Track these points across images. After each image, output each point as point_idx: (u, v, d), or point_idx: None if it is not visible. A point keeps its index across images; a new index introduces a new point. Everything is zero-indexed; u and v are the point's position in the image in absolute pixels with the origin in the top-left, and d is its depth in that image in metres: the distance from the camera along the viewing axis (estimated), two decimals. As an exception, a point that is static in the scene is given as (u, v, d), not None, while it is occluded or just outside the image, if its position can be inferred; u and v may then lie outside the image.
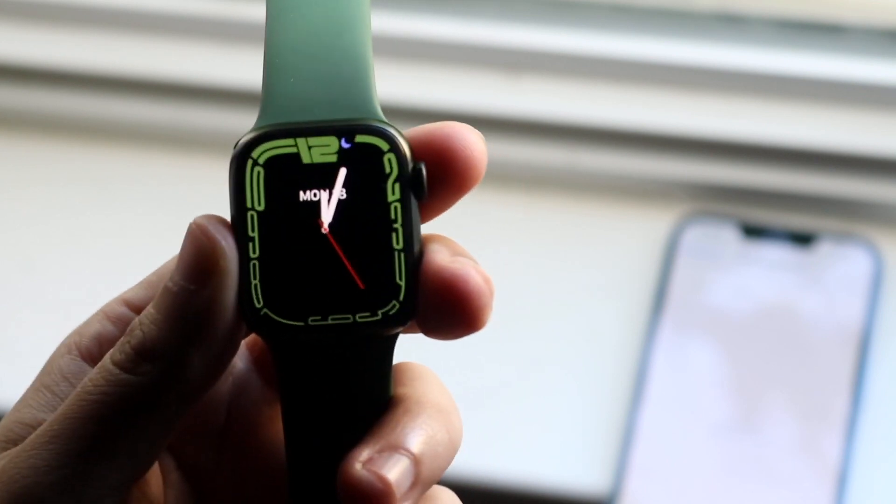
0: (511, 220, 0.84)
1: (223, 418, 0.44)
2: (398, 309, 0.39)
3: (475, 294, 0.39)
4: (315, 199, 0.39)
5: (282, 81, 0.40)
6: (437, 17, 0.87)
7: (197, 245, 0.39)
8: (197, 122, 0.88)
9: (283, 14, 0.41)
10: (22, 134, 0.89)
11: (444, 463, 0.41)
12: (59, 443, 0.39)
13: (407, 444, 0.39)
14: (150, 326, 0.39)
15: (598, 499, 0.75)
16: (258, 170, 0.39)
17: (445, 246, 0.40)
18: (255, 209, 0.39)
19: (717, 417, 0.76)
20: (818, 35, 0.85)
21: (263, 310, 0.39)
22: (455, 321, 0.39)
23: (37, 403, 0.42)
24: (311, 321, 0.39)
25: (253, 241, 0.39)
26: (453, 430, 0.41)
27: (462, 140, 0.40)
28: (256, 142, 0.39)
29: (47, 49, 0.89)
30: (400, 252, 0.39)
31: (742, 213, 0.83)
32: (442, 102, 0.85)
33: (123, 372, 0.39)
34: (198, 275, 0.39)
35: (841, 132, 0.83)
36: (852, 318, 0.79)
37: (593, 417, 0.77)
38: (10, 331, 0.82)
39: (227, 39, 0.87)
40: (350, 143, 0.39)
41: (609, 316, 0.80)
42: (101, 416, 0.39)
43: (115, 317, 0.43)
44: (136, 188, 0.86)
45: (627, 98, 0.85)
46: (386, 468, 0.39)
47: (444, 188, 0.40)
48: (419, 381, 0.41)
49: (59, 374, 0.42)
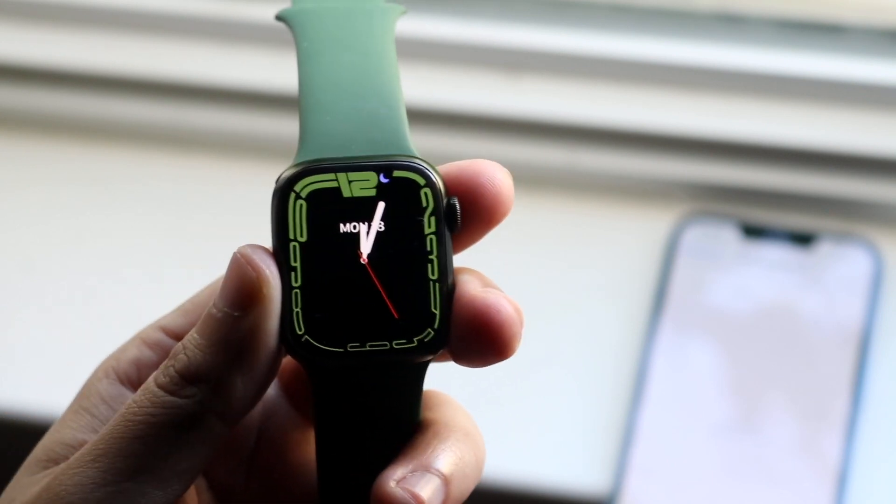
0: (511, 220, 0.84)
1: (253, 441, 0.46)
2: (433, 337, 0.41)
3: (507, 323, 0.41)
4: (355, 231, 0.41)
5: (319, 119, 0.42)
6: (437, 17, 0.87)
7: (241, 273, 0.40)
8: (197, 122, 0.88)
9: (316, 57, 0.43)
10: (22, 134, 0.89)
11: (472, 484, 0.43)
12: (105, 461, 0.40)
13: (438, 465, 0.41)
14: (195, 351, 0.40)
15: (598, 499, 0.75)
16: (301, 203, 0.41)
17: (476, 277, 0.42)
18: (297, 240, 0.41)
19: (717, 417, 0.76)
20: (818, 35, 0.85)
21: (304, 336, 0.40)
22: (486, 349, 0.41)
23: (77, 425, 0.43)
24: (350, 347, 0.41)
25: (295, 270, 0.40)
26: (479, 453, 0.43)
27: (491, 177, 0.42)
28: (299, 176, 0.41)
29: (47, 49, 0.89)
30: (435, 282, 0.41)
31: (742, 213, 0.83)
32: (442, 102, 0.85)
33: (168, 394, 0.40)
34: (242, 302, 0.40)
35: (841, 132, 0.83)
36: (852, 318, 0.79)
37: (593, 417, 0.77)
38: (10, 331, 0.82)
39: (227, 39, 0.87)
40: (388, 178, 0.41)
41: (609, 316, 0.80)
42: (145, 436, 0.40)
43: (152, 342, 0.45)
44: (136, 188, 0.86)
45: (627, 98, 0.85)
46: (419, 487, 0.41)
47: (472, 223, 0.42)
48: (446, 406, 0.43)
49: (97, 397, 0.44)
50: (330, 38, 0.44)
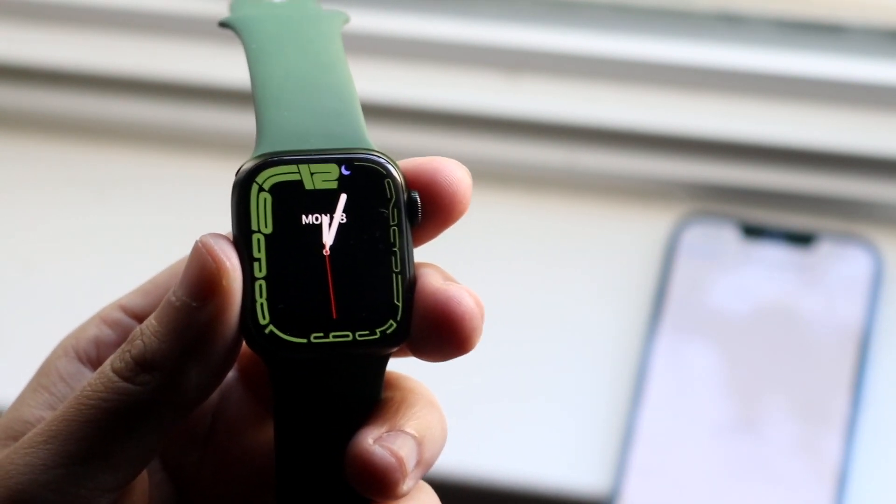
0: (511, 220, 0.84)
1: (208, 423, 0.46)
2: (395, 329, 0.41)
3: (468, 315, 0.41)
4: (317, 222, 0.41)
5: (276, 113, 0.42)
6: (437, 17, 0.87)
7: (201, 263, 0.40)
8: (197, 122, 0.88)
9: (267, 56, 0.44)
10: (22, 134, 0.89)
11: (439, 450, 0.43)
12: (56, 443, 0.40)
13: (409, 427, 0.41)
14: (151, 338, 0.40)
15: (598, 499, 0.75)
16: (265, 195, 0.40)
17: (437, 271, 0.42)
18: (261, 231, 0.40)
19: (717, 418, 0.76)
20: (818, 35, 0.85)
21: (269, 327, 0.40)
22: (446, 342, 0.41)
23: (35, 403, 0.43)
24: (313, 338, 0.40)
25: (259, 261, 0.40)
26: (443, 422, 0.43)
27: (448, 176, 0.42)
28: (261, 168, 0.41)
29: (47, 49, 0.89)
30: (398, 274, 0.41)
31: (742, 213, 0.83)
32: (442, 102, 0.85)
33: (122, 380, 0.40)
34: (201, 292, 0.40)
35: (841, 132, 0.83)
36: (852, 318, 0.79)
37: (593, 417, 0.77)
38: (10, 331, 0.82)
39: (227, 39, 0.87)
40: (350, 170, 0.41)
41: (609, 316, 0.80)
42: (97, 421, 0.40)
43: (112, 321, 0.45)
44: (136, 188, 0.86)
45: (627, 98, 0.85)
46: (396, 445, 0.41)
47: (430, 219, 0.42)
48: (406, 380, 0.43)
49: (56, 374, 0.44)
50: (279, 40, 0.44)
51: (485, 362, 0.79)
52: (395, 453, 0.40)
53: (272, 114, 0.42)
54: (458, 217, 0.42)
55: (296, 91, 0.43)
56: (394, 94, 0.85)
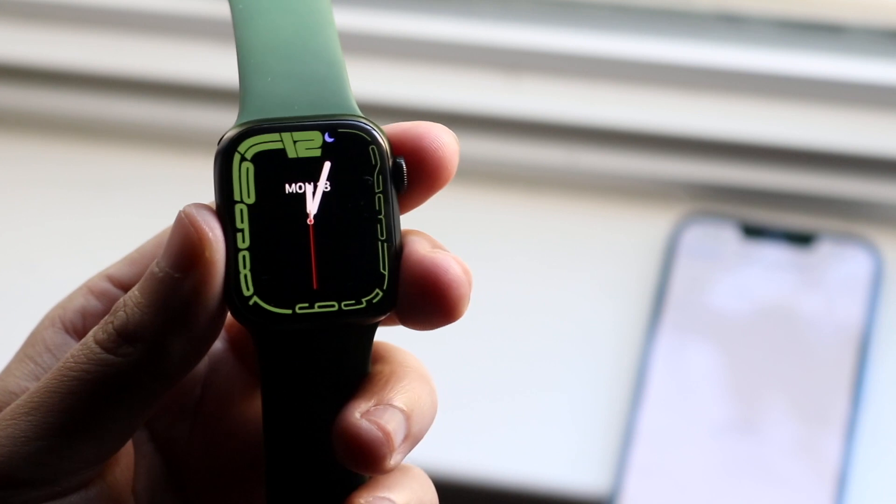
0: (511, 220, 0.84)
1: (198, 394, 0.45)
2: (381, 297, 0.40)
3: (455, 283, 0.40)
4: (301, 191, 0.40)
5: (260, 81, 0.42)
6: (437, 17, 0.87)
7: (184, 234, 0.40)
8: (197, 122, 0.88)
9: (253, 19, 0.43)
10: (22, 134, 0.89)
11: (428, 423, 0.42)
12: (38, 415, 0.40)
13: (397, 401, 0.41)
14: (134, 309, 0.40)
15: (598, 499, 0.75)
16: (247, 165, 0.40)
17: (425, 239, 0.41)
18: (244, 202, 0.40)
19: (717, 418, 0.76)
20: (818, 35, 0.85)
21: (253, 298, 0.40)
22: (434, 310, 0.41)
23: (20, 373, 0.43)
24: (298, 309, 0.40)
25: (242, 232, 0.40)
26: (433, 395, 0.42)
27: (434, 140, 0.41)
28: (242, 137, 0.40)
29: (47, 49, 0.89)
30: (383, 242, 0.40)
31: (742, 213, 0.83)
32: (442, 102, 0.85)
33: (105, 352, 0.40)
34: (183, 263, 0.39)
35: (841, 132, 0.83)
36: (852, 318, 0.79)
37: (593, 417, 0.77)
38: (10, 331, 0.82)
39: (227, 39, 0.87)
40: (333, 137, 0.40)
41: (609, 316, 0.80)
42: (80, 393, 0.40)
43: (98, 292, 0.44)
44: (136, 188, 0.86)
45: (627, 98, 0.85)
46: (384, 419, 0.40)
47: (416, 185, 0.41)
48: (396, 352, 0.43)
49: (42, 345, 0.44)
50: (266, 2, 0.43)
51: (485, 362, 0.79)
52: (383, 427, 0.40)
53: (255, 80, 0.42)
54: (445, 182, 0.41)
55: (280, 56, 0.42)
56: (394, 94, 0.85)
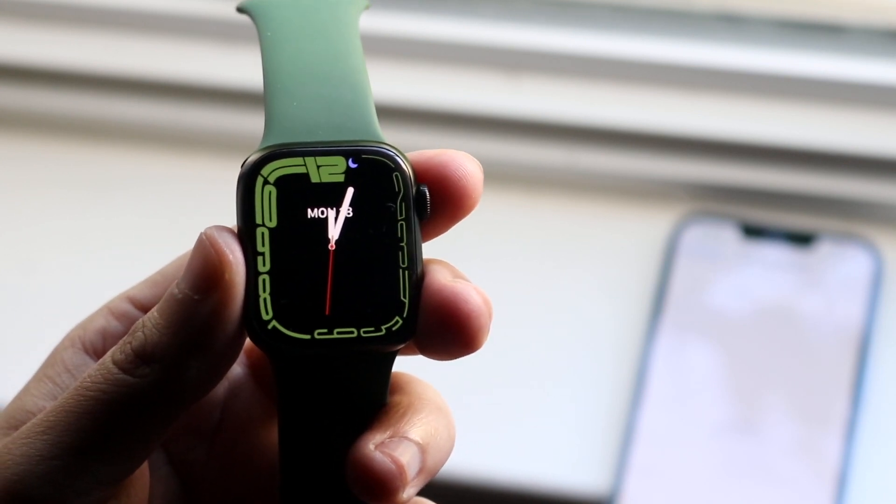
0: (511, 220, 0.84)
1: (217, 418, 0.45)
2: (401, 325, 0.40)
3: (475, 314, 0.40)
4: (323, 216, 0.40)
5: (285, 105, 0.41)
6: (437, 17, 0.87)
7: (205, 256, 0.39)
8: (197, 122, 0.88)
9: (281, 45, 0.43)
10: (22, 134, 0.89)
11: (444, 457, 0.42)
12: (54, 434, 0.40)
13: (413, 434, 0.41)
14: (153, 330, 0.40)
15: (598, 499, 0.75)
16: (269, 188, 0.40)
17: (446, 268, 0.41)
18: (265, 225, 0.40)
19: (717, 418, 0.76)
20: (818, 35, 0.85)
21: (272, 322, 0.40)
22: (453, 340, 0.40)
23: (39, 393, 0.43)
24: (317, 334, 0.40)
25: (263, 255, 0.40)
26: (451, 429, 0.42)
27: (459, 169, 0.41)
28: (266, 160, 0.40)
29: (47, 49, 0.89)
30: (404, 270, 0.40)
31: (742, 213, 0.83)
32: (442, 102, 0.85)
33: (122, 372, 0.40)
34: (203, 285, 0.39)
35: (841, 132, 0.83)
36: (852, 318, 0.79)
37: (593, 417, 0.77)
38: (11, 331, 0.82)
39: (227, 39, 0.87)
40: (357, 163, 0.40)
41: (609, 316, 0.80)
42: (96, 413, 0.39)
43: (119, 313, 0.44)
44: (136, 188, 0.86)
45: (627, 98, 0.85)
46: (398, 452, 0.40)
47: (440, 213, 0.41)
48: (415, 383, 0.43)
49: (62, 365, 0.43)
50: (294, 28, 0.43)
51: (485, 362, 0.79)
52: (396, 460, 0.40)
53: (281, 104, 0.41)
54: (469, 211, 0.41)
55: (306, 81, 0.42)
56: (394, 94, 0.85)
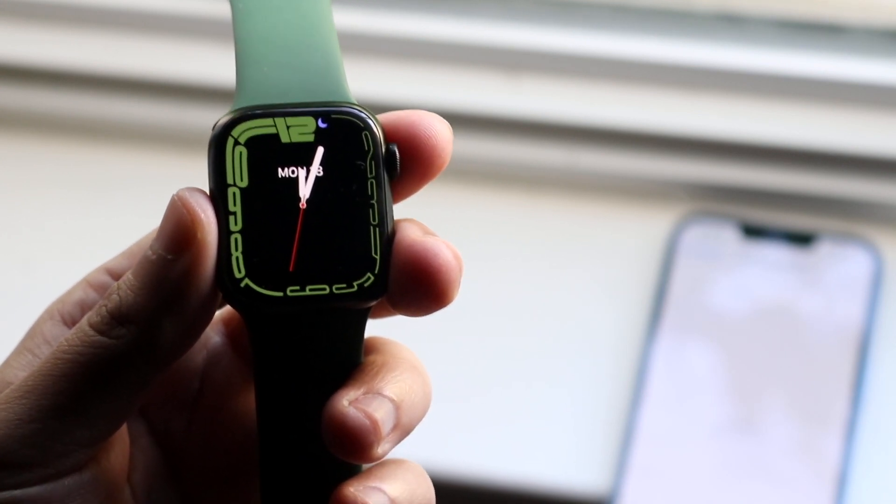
0: (511, 220, 0.84)
1: (196, 388, 0.45)
2: (373, 282, 0.41)
3: (445, 268, 0.40)
4: (293, 176, 0.40)
5: (255, 70, 0.42)
6: (437, 17, 0.87)
7: (177, 216, 0.40)
8: (197, 122, 0.88)
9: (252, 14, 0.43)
10: (22, 134, 0.89)
11: (419, 415, 0.42)
12: (32, 398, 0.40)
13: (387, 391, 0.41)
14: (127, 292, 0.40)
15: (598, 499, 0.75)
16: (240, 149, 0.41)
17: (416, 225, 0.42)
18: (237, 185, 0.40)
19: (717, 418, 0.76)
20: (818, 35, 0.85)
21: (245, 280, 0.40)
22: (425, 295, 0.41)
23: (18, 364, 0.44)
24: (289, 291, 0.40)
25: (235, 215, 0.40)
26: (426, 387, 0.43)
27: (428, 128, 0.42)
28: (236, 122, 0.41)
29: (47, 49, 0.89)
30: (375, 227, 0.41)
31: (742, 213, 0.83)
32: (442, 102, 0.85)
33: (98, 334, 0.40)
34: (176, 245, 0.40)
35: (841, 132, 0.83)
36: (852, 318, 0.79)
37: (593, 417, 0.77)
38: (11, 331, 0.82)
39: (227, 39, 0.87)
40: (327, 123, 0.41)
41: (609, 316, 0.80)
42: (73, 375, 0.40)
43: (97, 284, 0.45)
44: (136, 188, 0.86)
45: (627, 98, 0.85)
46: (372, 407, 0.40)
47: (409, 173, 0.42)
48: (390, 344, 0.43)
49: (41, 337, 0.44)
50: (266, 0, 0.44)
51: (485, 362, 0.79)
52: (370, 415, 0.40)
53: (252, 70, 0.42)
54: (439, 170, 0.42)
55: (277, 48, 0.42)
56: (394, 94, 0.85)
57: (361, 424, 0.40)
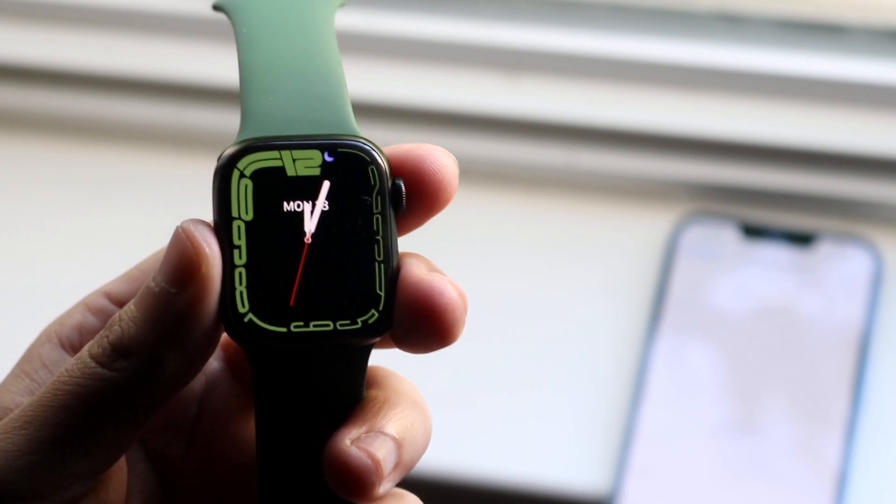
0: (511, 220, 0.84)
1: (194, 413, 0.45)
2: (377, 318, 0.40)
3: (451, 307, 0.40)
4: (299, 210, 0.40)
5: (261, 99, 0.42)
6: (437, 17, 0.87)
7: (181, 249, 0.40)
8: (197, 122, 0.88)
9: (257, 42, 0.43)
10: (22, 134, 0.89)
11: (420, 451, 0.42)
12: (31, 429, 0.40)
13: (389, 429, 0.41)
14: (129, 324, 0.40)
15: (598, 499, 0.75)
16: (245, 182, 0.40)
17: (422, 261, 0.41)
18: (241, 218, 0.40)
19: (717, 418, 0.76)
20: (818, 35, 0.85)
21: (248, 315, 0.40)
22: (429, 333, 0.40)
23: (16, 389, 0.43)
24: (293, 327, 0.40)
25: (239, 249, 0.40)
26: (427, 423, 0.42)
27: (434, 162, 0.42)
28: (242, 154, 0.40)
29: (47, 49, 0.89)
30: (380, 263, 0.40)
31: (742, 213, 0.83)
32: (442, 102, 0.85)
33: (99, 366, 0.40)
34: (179, 278, 0.39)
35: (841, 132, 0.83)
36: (852, 318, 0.79)
37: (593, 417, 0.77)
38: (10, 331, 0.82)
39: (227, 39, 0.87)
40: (333, 156, 0.40)
41: (609, 316, 0.80)
42: (73, 407, 0.40)
43: (96, 308, 0.44)
44: (136, 188, 0.86)
45: (627, 98, 0.85)
46: (374, 447, 0.40)
47: (415, 208, 0.41)
48: (391, 378, 0.43)
49: (38, 361, 0.44)
50: (270, 25, 0.44)
51: (485, 361, 0.79)
52: (372, 455, 0.40)
53: (256, 99, 0.42)
54: (444, 205, 0.42)
55: (282, 77, 0.42)
56: (394, 94, 0.85)
57: (364, 464, 0.40)
